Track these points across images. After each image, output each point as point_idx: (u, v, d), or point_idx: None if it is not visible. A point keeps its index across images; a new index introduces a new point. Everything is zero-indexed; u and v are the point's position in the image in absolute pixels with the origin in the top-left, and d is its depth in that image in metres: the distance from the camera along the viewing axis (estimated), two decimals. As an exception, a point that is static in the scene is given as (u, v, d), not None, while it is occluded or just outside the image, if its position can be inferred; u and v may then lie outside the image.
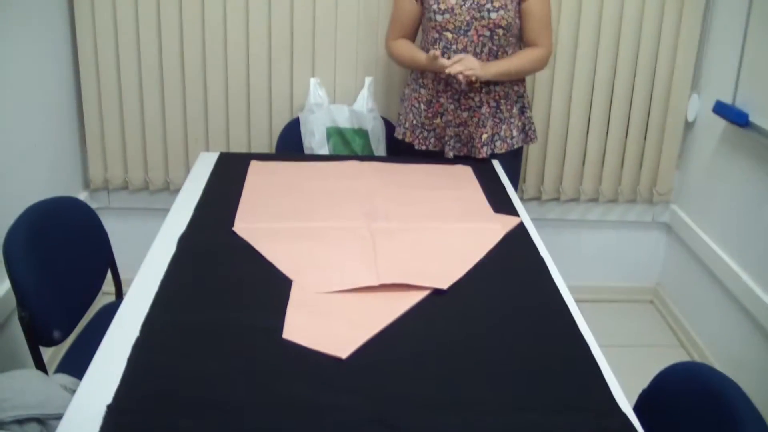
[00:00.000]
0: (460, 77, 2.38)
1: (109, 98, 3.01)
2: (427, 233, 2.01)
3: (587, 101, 3.12)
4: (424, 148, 2.68)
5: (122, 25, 2.92)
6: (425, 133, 2.67)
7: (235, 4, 2.92)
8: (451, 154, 2.64)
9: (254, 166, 2.47)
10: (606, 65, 3.06)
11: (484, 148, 2.60)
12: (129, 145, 3.09)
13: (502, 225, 2.07)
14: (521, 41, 2.62)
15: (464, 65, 2.38)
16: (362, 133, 2.87)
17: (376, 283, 1.71)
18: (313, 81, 2.97)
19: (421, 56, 2.53)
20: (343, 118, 2.88)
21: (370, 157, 2.77)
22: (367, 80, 2.96)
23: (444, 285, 1.72)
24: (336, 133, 2.84)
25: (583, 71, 3.07)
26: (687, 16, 3.01)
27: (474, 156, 2.63)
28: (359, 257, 1.85)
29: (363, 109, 2.91)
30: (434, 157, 2.66)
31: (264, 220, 2.05)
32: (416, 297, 1.68)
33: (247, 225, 2.01)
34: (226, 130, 3.09)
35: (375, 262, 1.81)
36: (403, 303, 1.66)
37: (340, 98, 3.05)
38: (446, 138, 2.63)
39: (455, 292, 1.72)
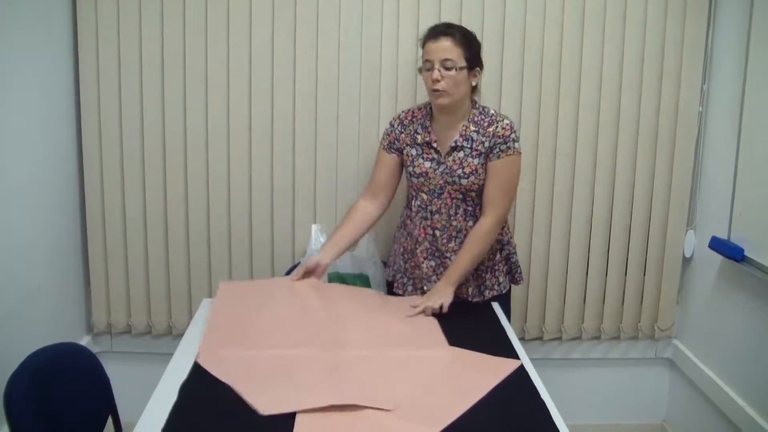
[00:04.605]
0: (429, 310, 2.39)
1: (114, 244, 3.08)
2: (377, 361, 2.03)
3: (585, 241, 3.18)
4: (401, 293, 2.68)
5: (128, 170, 3.02)
6: (405, 280, 2.69)
7: (239, 153, 3.03)
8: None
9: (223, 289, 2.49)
10: (602, 205, 3.14)
11: (475, 300, 2.61)
12: (133, 290, 3.13)
13: (500, 370, 2.03)
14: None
15: (430, 302, 2.39)
16: (363, 278, 2.90)
17: (332, 401, 1.73)
18: (314, 227, 3.04)
19: (334, 237, 2.60)
20: (344, 264, 2.90)
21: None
22: (368, 225, 3.01)
23: (389, 405, 1.74)
24: (337, 278, 2.86)
25: (580, 212, 3.14)
26: (679, 154, 3.11)
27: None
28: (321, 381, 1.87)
29: (364, 254, 2.94)
30: None
31: (228, 347, 2.08)
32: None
33: (212, 354, 2.03)
34: (228, 276, 3.13)
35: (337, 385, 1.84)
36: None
37: (342, 243, 3.09)
38: (426, 290, 2.58)
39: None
